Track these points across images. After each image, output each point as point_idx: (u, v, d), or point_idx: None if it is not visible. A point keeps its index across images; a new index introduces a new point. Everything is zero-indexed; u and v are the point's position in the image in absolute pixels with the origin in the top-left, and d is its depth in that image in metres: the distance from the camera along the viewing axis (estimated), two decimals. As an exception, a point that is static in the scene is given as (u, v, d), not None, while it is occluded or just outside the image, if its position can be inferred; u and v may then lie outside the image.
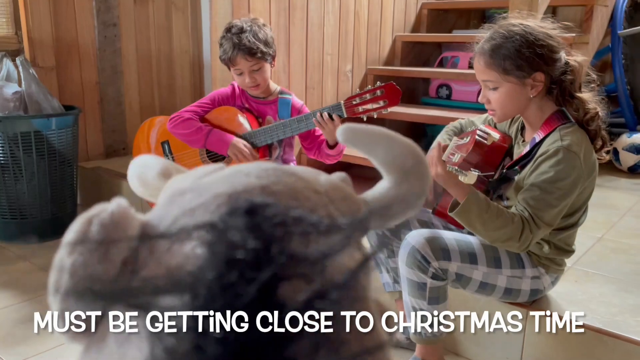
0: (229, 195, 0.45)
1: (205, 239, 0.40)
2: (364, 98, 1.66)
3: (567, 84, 1.22)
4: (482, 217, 1.17)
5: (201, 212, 0.44)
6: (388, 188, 0.58)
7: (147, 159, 0.62)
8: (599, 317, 1.33)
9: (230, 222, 0.40)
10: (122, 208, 0.45)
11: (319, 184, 0.50)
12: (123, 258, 0.43)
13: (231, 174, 0.49)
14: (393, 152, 0.59)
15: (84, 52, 2.88)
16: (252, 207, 0.41)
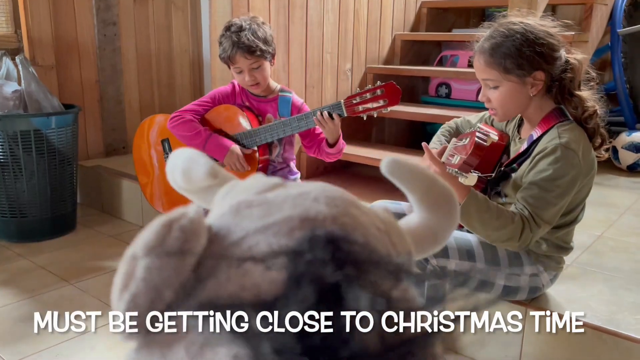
0: (301, 219, 0.45)
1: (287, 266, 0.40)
2: (364, 97, 1.66)
3: (567, 82, 1.22)
4: (482, 218, 1.17)
5: (273, 232, 0.44)
6: (421, 225, 0.60)
7: (194, 154, 0.61)
8: (598, 315, 1.33)
9: (315, 252, 0.40)
10: (200, 215, 0.45)
11: (379, 220, 0.51)
12: (193, 269, 0.43)
13: (298, 194, 0.49)
14: (432, 194, 0.61)
15: (83, 51, 2.88)
16: (332, 239, 0.42)
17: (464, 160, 1.13)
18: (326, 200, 0.48)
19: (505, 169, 1.30)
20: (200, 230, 0.44)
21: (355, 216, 0.48)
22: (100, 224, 2.56)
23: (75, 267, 2.06)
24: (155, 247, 0.42)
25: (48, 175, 2.29)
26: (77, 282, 1.93)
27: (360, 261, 0.41)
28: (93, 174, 2.76)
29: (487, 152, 1.29)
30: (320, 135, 1.81)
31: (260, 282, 0.41)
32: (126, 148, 3.11)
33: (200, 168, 0.58)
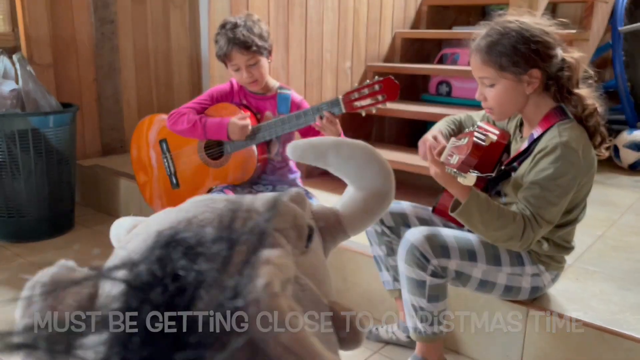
0: (157, 232, 0.48)
1: (123, 277, 0.44)
2: (362, 93, 1.65)
3: (565, 80, 1.21)
4: (484, 217, 1.17)
5: (135, 253, 0.48)
6: (352, 193, 0.60)
7: (122, 220, 0.67)
8: (599, 315, 1.32)
9: (145, 257, 0.44)
10: (65, 267, 0.50)
11: (253, 204, 0.53)
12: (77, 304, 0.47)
13: (170, 212, 0.53)
14: (344, 156, 0.61)
15: (81, 49, 2.86)
16: (169, 240, 0.45)
17: (462, 161, 1.12)
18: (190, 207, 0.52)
19: (506, 168, 1.29)
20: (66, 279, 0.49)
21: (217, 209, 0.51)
22: (98, 223, 2.54)
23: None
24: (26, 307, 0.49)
25: (46, 175, 2.28)
26: (75, 282, 1.92)
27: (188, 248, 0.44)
28: (91, 173, 2.75)
29: (487, 151, 1.28)
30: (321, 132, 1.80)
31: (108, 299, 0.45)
32: (124, 147, 3.10)
33: (122, 230, 0.65)
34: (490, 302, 1.42)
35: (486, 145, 1.14)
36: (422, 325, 1.29)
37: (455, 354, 1.50)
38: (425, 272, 1.24)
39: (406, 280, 1.27)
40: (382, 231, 1.45)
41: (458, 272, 1.26)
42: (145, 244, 0.49)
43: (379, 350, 1.52)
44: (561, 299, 1.39)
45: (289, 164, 1.96)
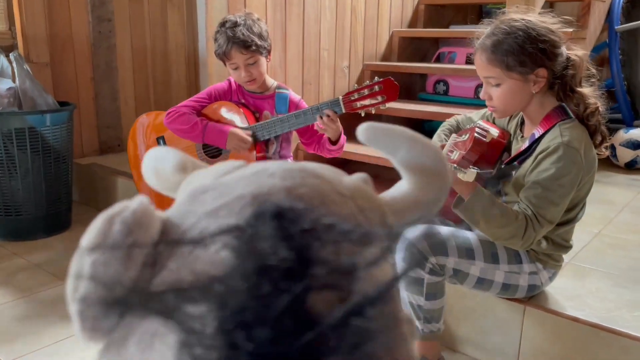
0: (254, 196, 0.43)
1: (232, 244, 0.38)
2: (362, 93, 1.65)
3: (569, 78, 1.21)
4: (486, 215, 1.17)
5: (225, 213, 0.43)
6: (407, 190, 0.57)
7: (163, 151, 0.60)
8: (595, 312, 1.33)
9: (259, 227, 0.39)
10: (144, 206, 0.43)
11: (343, 187, 0.49)
12: (144, 260, 0.41)
13: (254, 173, 0.47)
14: (414, 153, 0.57)
15: (78, 48, 2.86)
16: (279, 211, 0.40)
17: (463, 156, 1.12)
18: (282, 174, 0.46)
19: (506, 167, 1.29)
20: (146, 222, 0.42)
21: (315, 185, 0.46)
22: (96, 222, 2.54)
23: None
24: (98, 244, 0.41)
25: (43, 173, 2.27)
26: (73, 281, 1.91)
27: (311, 228, 0.39)
28: (88, 172, 2.74)
29: (487, 149, 1.28)
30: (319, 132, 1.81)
31: (208, 265, 0.40)
32: (121, 145, 3.09)
33: (168, 163, 0.57)
34: (487, 300, 1.42)
35: (487, 141, 1.14)
36: (419, 323, 1.29)
37: (452, 351, 1.51)
38: (423, 270, 1.24)
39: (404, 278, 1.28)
40: (380, 229, 1.45)
41: (456, 270, 1.26)
42: (239, 205, 0.42)
43: (377, 348, 1.52)
44: (558, 296, 1.40)
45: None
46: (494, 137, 1.16)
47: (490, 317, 1.43)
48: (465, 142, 1.14)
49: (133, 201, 0.43)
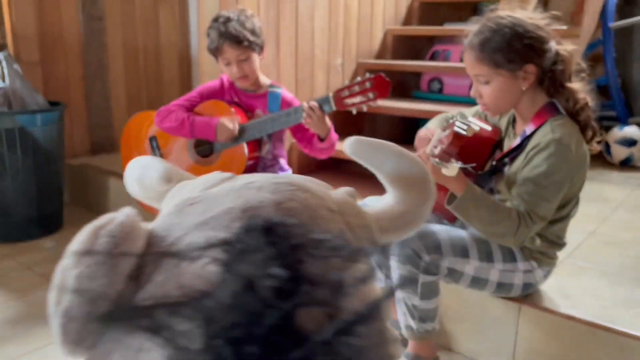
0: (243, 210, 0.43)
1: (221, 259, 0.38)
2: (353, 90, 1.63)
3: (558, 74, 1.21)
4: (479, 212, 1.16)
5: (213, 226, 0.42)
6: (394, 204, 0.57)
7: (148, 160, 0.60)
8: (591, 310, 1.32)
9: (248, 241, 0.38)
10: (131, 218, 0.43)
11: (332, 202, 0.49)
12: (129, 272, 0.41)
13: (242, 185, 0.47)
14: (401, 167, 0.58)
15: (69, 46, 2.83)
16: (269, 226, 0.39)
17: (443, 150, 1.12)
18: (271, 188, 0.46)
19: (498, 164, 1.28)
20: (132, 234, 0.42)
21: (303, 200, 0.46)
22: (88, 222, 2.51)
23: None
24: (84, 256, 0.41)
25: (34, 174, 2.25)
26: (64, 282, 1.89)
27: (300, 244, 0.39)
28: (80, 172, 2.72)
29: (476, 146, 1.28)
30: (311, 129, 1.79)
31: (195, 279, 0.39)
32: (113, 145, 3.07)
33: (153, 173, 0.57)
34: (482, 299, 1.41)
35: (468, 135, 1.13)
36: (414, 322, 1.28)
37: (448, 350, 1.50)
38: (417, 269, 1.23)
39: (399, 278, 1.26)
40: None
41: (450, 269, 1.25)
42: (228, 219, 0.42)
43: (372, 348, 1.51)
44: (553, 295, 1.39)
45: (280, 161, 1.94)
46: (476, 131, 1.15)
47: (486, 316, 1.42)
48: (447, 137, 1.13)
49: (119, 213, 0.43)
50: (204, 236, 0.41)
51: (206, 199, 0.46)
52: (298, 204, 0.45)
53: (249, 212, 0.42)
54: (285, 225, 0.40)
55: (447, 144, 1.11)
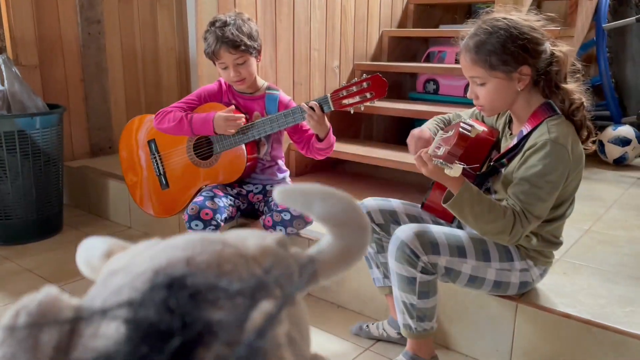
0: (154, 270, 0.46)
1: (125, 317, 0.41)
2: (350, 90, 1.65)
3: (553, 74, 1.22)
4: (475, 210, 1.18)
5: (127, 290, 0.46)
6: (331, 241, 0.61)
7: (94, 241, 0.63)
8: (587, 308, 1.34)
9: (148, 298, 0.42)
10: (51, 296, 0.46)
11: (248, 250, 0.52)
12: (55, 345, 0.43)
13: (161, 249, 0.51)
14: (328, 207, 0.61)
15: (67, 50, 2.84)
16: (172, 281, 0.43)
17: (448, 151, 1.13)
18: (185, 245, 0.50)
19: (495, 164, 1.30)
20: (53, 310, 0.45)
21: (214, 251, 0.49)
22: (87, 225, 2.53)
23: (62, 269, 2.04)
24: (4, 338, 0.43)
25: (33, 177, 2.26)
26: (65, 285, 1.91)
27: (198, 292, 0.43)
28: (79, 175, 2.73)
29: (475, 147, 1.29)
30: (309, 131, 1.81)
31: (105, 340, 0.42)
32: (112, 148, 3.08)
33: (96, 252, 0.60)
34: (479, 298, 1.43)
35: (472, 136, 1.15)
36: (412, 321, 1.30)
37: (445, 349, 1.52)
38: (415, 269, 1.25)
39: (397, 277, 1.28)
40: (372, 228, 1.46)
41: (448, 269, 1.27)
42: (140, 281, 0.46)
43: (370, 347, 1.53)
44: (549, 293, 1.41)
45: (278, 162, 1.96)
46: (479, 133, 1.17)
47: (483, 314, 1.44)
48: (450, 138, 1.15)
49: (39, 292, 0.46)
50: (116, 300, 0.45)
51: (127, 266, 0.50)
52: (208, 255, 0.48)
53: (159, 272, 0.46)
54: (185, 277, 0.44)
55: (452, 145, 1.12)
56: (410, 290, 1.27)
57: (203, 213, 1.71)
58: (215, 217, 1.73)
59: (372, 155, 2.42)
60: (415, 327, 1.30)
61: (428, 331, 1.32)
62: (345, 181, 2.60)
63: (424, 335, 1.32)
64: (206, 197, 1.76)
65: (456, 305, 1.49)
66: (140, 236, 2.40)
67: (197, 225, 1.71)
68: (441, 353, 1.46)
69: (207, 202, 1.74)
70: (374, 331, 1.55)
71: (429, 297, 1.28)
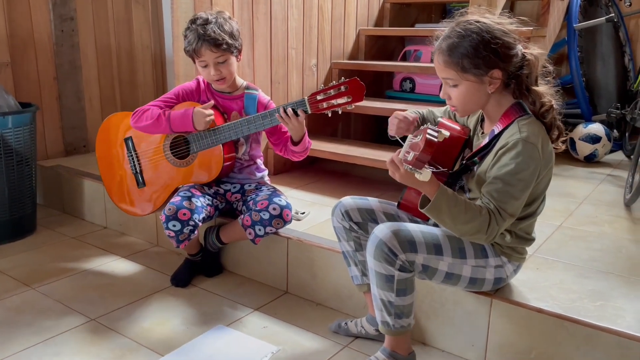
0: None
1: None
2: (328, 94, 1.66)
3: (524, 77, 1.25)
4: (452, 212, 1.20)
5: None
6: None
7: None
8: (559, 303, 1.37)
9: None
10: None
11: None
12: None
13: None
14: None
15: (40, 47, 2.79)
16: None
17: (416, 157, 1.15)
18: None
19: (467, 163, 1.32)
20: None
21: None
22: (62, 225, 2.49)
23: (36, 271, 2.01)
24: None
25: (5, 177, 2.22)
26: (39, 286, 1.88)
27: None
28: (53, 174, 2.69)
29: (448, 145, 1.32)
30: (287, 133, 1.81)
31: None
32: (87, 147, 3.04)
33: None
34: (455, 294, 1.46)
35: (438, 141, 1.17)
36: (390, 318, 1.32)
37: (422, 345, 1.54)
38: (393, 267, 1.27)
39: (375, 275, 1.30)
40: (350, 227, 1.47)
41: (425, 266, 1.29)
42: None
43: (349, 344, 1.54)
44: (523, 288, 1.44)
45: (257, 162, 1.96)
46: (446, 137, 1.19)
47: (459, 310, 1.47)
48: (419, 143, 1.17)
49: None
50: None
51: None
52: None
53: None
54: None
55: (419, 152, 1.14)
56: (389, 287, 1.29)
57: (180, 213, 1.70)
58: (193, 217, 1.72)
59: (350, 154, 2.43)
60: (393, 324, 1.32)
61: (406, 328, 1.33)
62: (323, 179, 2.61)
63: (401, 332, 1.34)
64: (183, 197, 1.75)
65: (433, 302, 1.51)
66: (116, 236, 2.38)
67: (174, 226, 1.71)
68: (419, 349, 1.49)
69: (184, 202, 1.73)
70: (353, 328, 1.57)
71: (407, 294, 1.30)
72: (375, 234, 1.28)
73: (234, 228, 1.85)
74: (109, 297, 1.81)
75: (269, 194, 1.81)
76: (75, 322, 1.64)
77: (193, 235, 1.75)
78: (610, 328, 1.26)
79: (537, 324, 1.35)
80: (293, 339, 1.57)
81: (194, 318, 1.68)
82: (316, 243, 1.76)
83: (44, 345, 1.52)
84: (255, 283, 1.92)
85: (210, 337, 1.57)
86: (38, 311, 1.71)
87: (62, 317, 1.67)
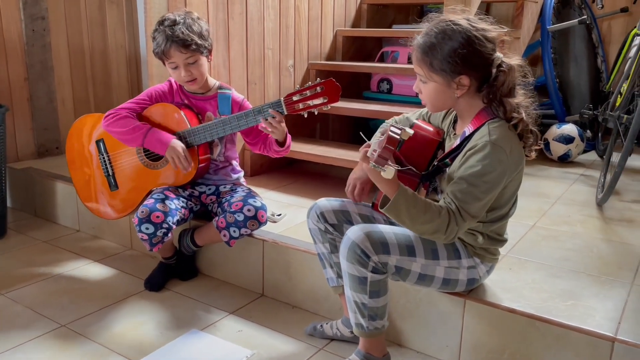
0: None
1: None
2: (303, 94, 1.65)
3: (498, 87, 1.23)
4: (411, 212, 1.20)
5: None
6: None
7: None
8: (531, 303, 1.39)
9: None
10: None
11: None
12: None
13: None
14: None
15: (10, 47, 2.73)
16: None
17: (379, 154, 1.15)
18: None
19: (439, 164, 1.33)
20: None
21: None
22: (33, 228, 2.44)
23: (6, 276, 1.96)
24: None
25: (-26, 180, 2.16)
26: (8, 292, 1.84)
27: None
28: (24, 177, 2.63)
29: (421, 147, 1.33)
30: (262, 133, 1.80)
31: None
32: (60, 148, 2.99)
33: None
34: (429, 295, 1.46)
35: (401, 138, 1.17)
36: (364, 320, 1.32)
37: (397, 346, 1.54)
38: (366, 268, 1.27)
39: (348, 277, 1.29)
40: (326, 229, 1.47)
41: (398, 267, 1.29)
42: None
43: (324, 347, 1.54)
44: (496, 289, 1.46)
45: (232, 163, 1.94)
46: (411, 135, 1.19)
47: (433, 311, 1.47)
48: (382, 141, 1.17)
49: None
50: None
51: None
52: None
53: None
54: None
55: (381, 148, 1.14)
56: (362, 289, 1.29)
57: (154, 216, 1.68)
58: (167, 220, 1.70)
59: (328, 155, 2.43)
60: (367, 326, 1.32)
61: (380, 329, 1.33)
62: (300, 180, 2.60)
63: (375, 334, 1.34)
64: (157, 200, 1.72)
65: (407, 303, 1.51)
66: (89, 239, 2.34)
67: (147, 229, 1.68)
68: (394, 350, 1.49)
69: (157, 204, 1.70)
70: (328, 331, 1.57)
71: (380, 296, 1.30)
72: (348, 235, 1.28)
73: (208, 230, 1.84)
74: (80, 302, 1.77)
75: (244, 195, 1.80)
76: (45, 328, 1.61)
77: (167, 238, 1.73)
78: (580, 327, 1.27)
79: (510, 324, 1.36)
80: (268, 343, 1.56)
81: (167, 322, 1.66)
82: (292, 245, 1.75)
83: (13, 352, 1.49)
84: (231, 286, 1.91)
85: (184, 342, 1.55)
86: (7, 318, 1.67)
87: (32, 323, 1.64)
